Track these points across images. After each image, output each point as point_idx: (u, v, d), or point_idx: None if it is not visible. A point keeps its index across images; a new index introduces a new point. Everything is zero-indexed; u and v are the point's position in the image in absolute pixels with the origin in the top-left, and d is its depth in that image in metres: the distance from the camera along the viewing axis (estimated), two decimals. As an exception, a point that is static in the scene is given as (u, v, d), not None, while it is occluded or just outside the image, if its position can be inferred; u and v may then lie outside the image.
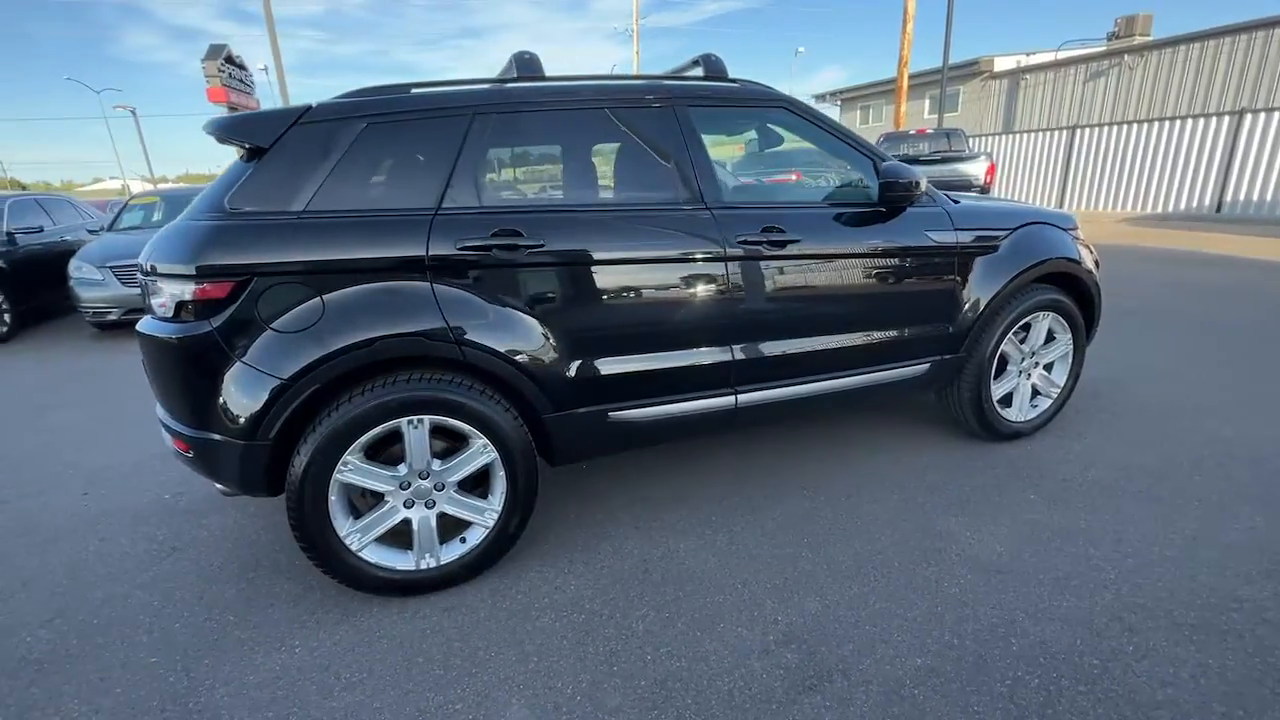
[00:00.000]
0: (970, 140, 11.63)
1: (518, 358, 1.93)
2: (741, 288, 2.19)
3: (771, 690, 1.61)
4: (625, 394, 2.13)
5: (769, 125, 2.48)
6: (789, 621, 1.85)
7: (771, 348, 2.30)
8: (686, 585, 2.03)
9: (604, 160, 2.22)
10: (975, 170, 9.73)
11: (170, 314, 1.75)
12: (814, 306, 2.35)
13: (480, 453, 1.97)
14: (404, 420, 1.85)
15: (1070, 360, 2.95)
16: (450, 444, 1.97)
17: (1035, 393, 2.97)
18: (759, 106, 2.36)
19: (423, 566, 1.99)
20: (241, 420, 1.74)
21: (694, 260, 2.11)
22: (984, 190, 9.74)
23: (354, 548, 1.90)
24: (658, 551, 2.21)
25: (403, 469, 1.91)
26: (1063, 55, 21.70)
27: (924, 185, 2.37)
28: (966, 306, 2.59)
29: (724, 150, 4.55)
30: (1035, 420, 2.96)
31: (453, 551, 2.03)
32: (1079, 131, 13.81)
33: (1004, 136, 15.61)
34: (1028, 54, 22.40)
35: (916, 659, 1.69)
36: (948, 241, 2.51)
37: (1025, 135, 15.05)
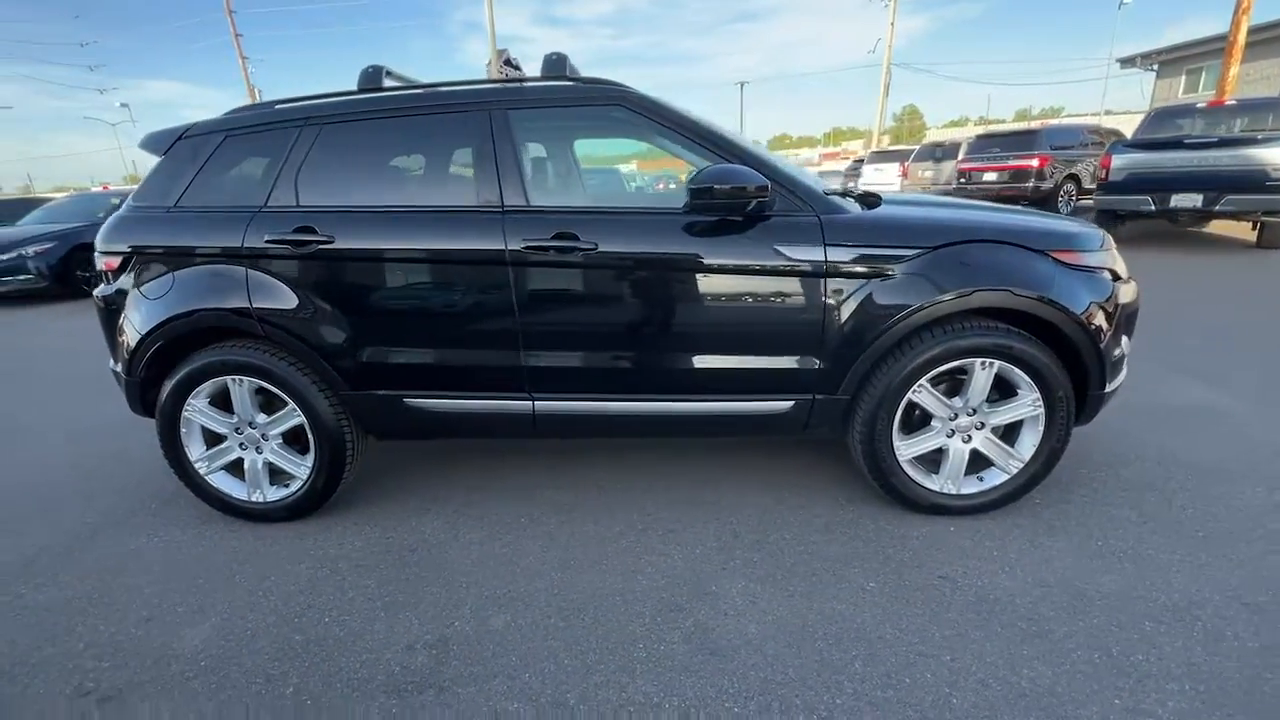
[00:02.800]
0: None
1: (309, 338, 2.22)
2: (529, 293, 2.15)
3: (390, 679, 1.68)
4: (416, 383, 2.28)
5: (613, 125, 2.31)
6: (455, 632, 1.85)
7: (570, 359, 2.21)
8: (422, 573, 2.13)
9: (415, 164, 2.34)
10: (1275, 157, 7.00)
11: (100, 280, 2.42)
12: (620, 320, 2.18)
13: (292, 414, 2.32)
14: (228, 378, 2.29)
15: (1043, 427, 2.19)
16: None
17: (985, 462, 2.28)
18: (591, 105, 2.22)
19: (253, 499, 2.43)
20: (124, 359, 2.34)
21: (477, 263, 2.14)
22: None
23: (202, 472, 2.41)
24: (434, 540, 2.33)
25: (232, 418, 2.36)
26: None
27: (767, 192, 2.00)
28: (842, 340, 2.12)
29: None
30: (977, 497, 2.28)
31: (278, 493, 2.43)
32: None
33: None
34: None
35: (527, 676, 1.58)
36: (809, 259, 2.07)
37: None
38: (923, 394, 2.17)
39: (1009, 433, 2.27)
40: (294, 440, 2.40)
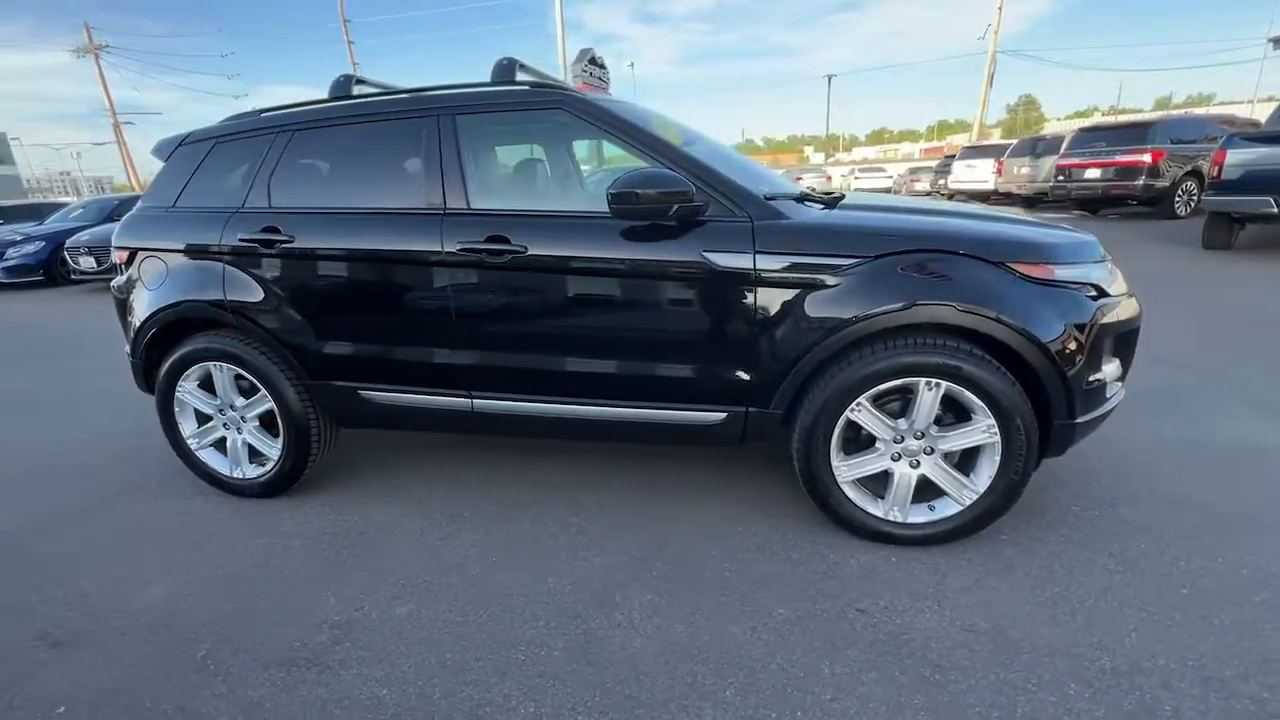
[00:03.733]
0: None
1: (276, 330, 2.40)
2: (465, 294, 2.20)
3: (288, 653, 1.80)
4: (368, 376, 2.40)
5: (558, 128, 2.30)
6: (361, 616, 1.94)
7: (504, 359, 2.25)
8: (359, 557, 2.25)
9: (372, 168, 2.44)
10: None
11: (115, 272, 2.72)
12: (551, 322, 2.19)
13: (264, 399, 2.51)
14: (211, 364, 2.51)
15: (999, 457, 1.99)
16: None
17: (936, 490, 2.09)
18: (536, 109, 2.23)
19: (234, 475, 2.65)
20: (129, 342, 2.62)
21: (418, 264, 2.22)
22: None
23: (193, 447, 2.66)
24: (383, 526, 2.44)
25: (216, 400, 2.58)
26: None
27: (690, 197, 1.94)
28: (774, 351, 2.03)
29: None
30: (926, 528, 2.10)
31: (255, 471, 2.64)
32: None
33: None
34: None
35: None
36: (737, 266, 1.99)
37: None
38: (862, 413, 2.03)
39: (966, 460, 2.08)
40: (269, 424, 2.59)
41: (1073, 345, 1.89)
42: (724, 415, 2.14)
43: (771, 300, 2.00)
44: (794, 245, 1.98)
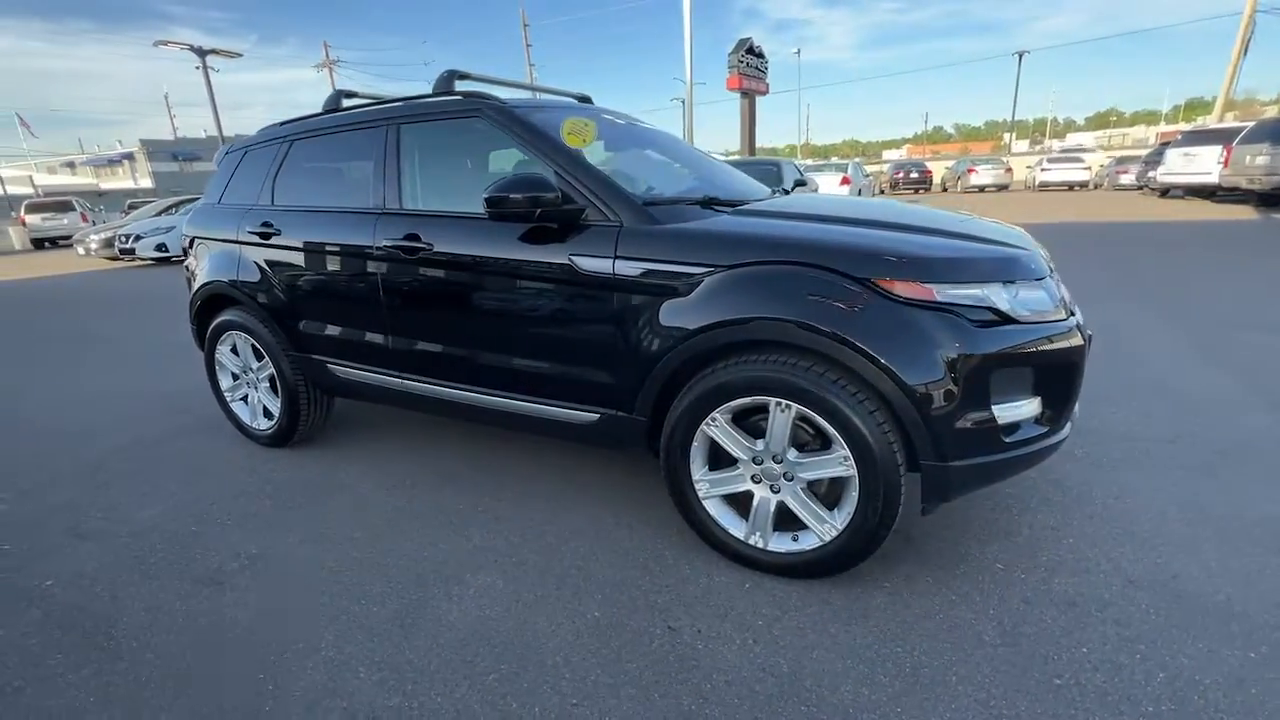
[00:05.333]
0: None
1: (270, 307, 2.86)
2: (389, 285, 2.46)
3: (203, 573, 2.21)
4: (331, 352, 2.77)
5: (480, 135, 2.43)
6: (271, 553, 2.30)
7: (420, 345, 2.48)
8: (305, 505, 2.63)
9: (341, 172, 2.75)
10: None
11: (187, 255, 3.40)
12: (450, 314, 2.37)
13: (267, 366, 3.02)
14: (234, 333, 3.07)
15: (856, 493, 1.79)
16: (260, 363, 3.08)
17: (800, 522, 1.94)
18: (460, 117, 2.40)
19: (253, 425, 3.21)
20: (192, 313, 3.28)
21: (357, 257, 2.52)
22: None
23: (228, 400, 3.27)
24: (342, 483, 2.81)
25: (240, 363, 3.15)
26: None
27: (557, 201, 1.99)
28: (631, 357, 2.02)
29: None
30: (787, 558, 1.96)
31: (265, 425, 3.17)
32: None
33: None
34: None
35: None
36: (597, 270, 2.01)
37: None
38: (716, 429, 1.95)
39: (833, 492, 1.90)
40: (274, 386, 3.10)
41: (938, 376, 1.65)
42: (597, 417, 2.17)
43: (629, 305, 1.99)
44: (652, 252, 1.95)
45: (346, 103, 2.87)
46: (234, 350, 3.17)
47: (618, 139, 2.81)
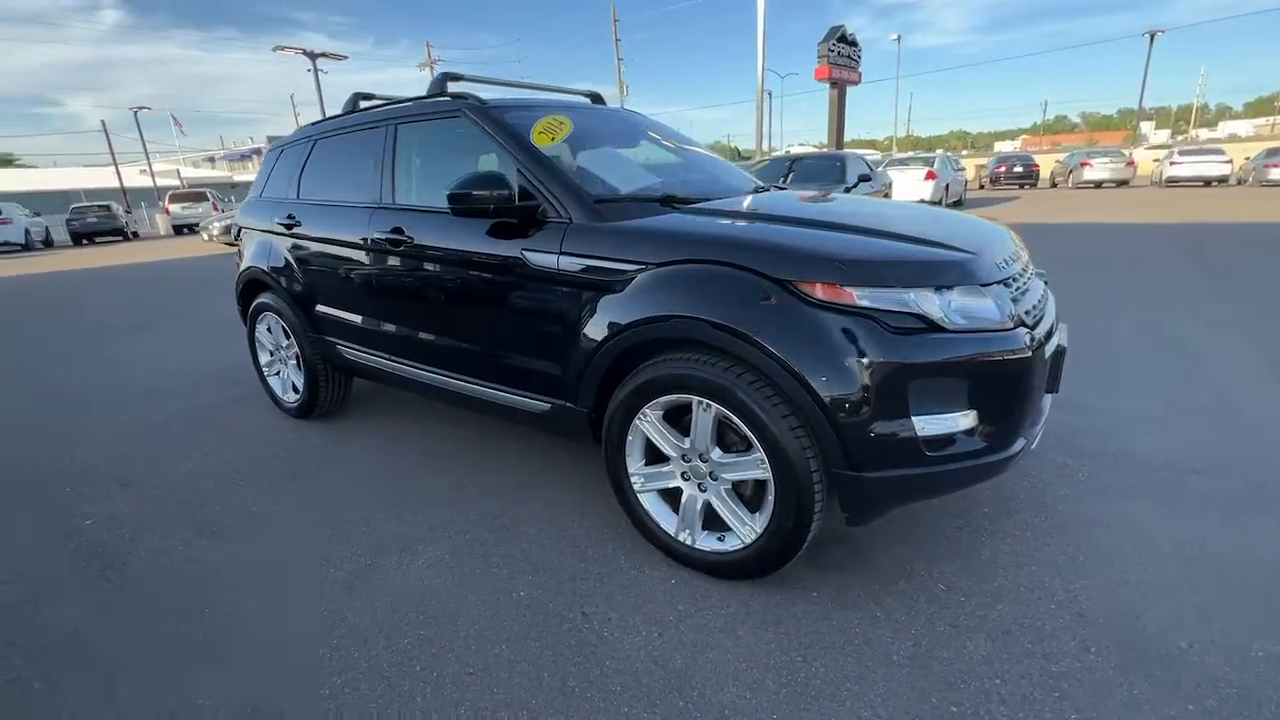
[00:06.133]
0: None
1: (292, 292, 3.15)
2: (380, 274, 2.66)
3: (205, 524, 2.51)
4: (338, 334, 3.02)
5: (462, 135, 2.53)
6: (259, 513, 2.56)
7: (403, 331, 2.66)
8: (305, 470, 2.89)
9: (349, 169, 2.94)
10: None
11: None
12: (426, 303, 2.53)
13: (292, 347, 3.32)
14: (268, 314, 3.40)
15: (772, 498, 1.77)
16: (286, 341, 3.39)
17: (723, 524, 1.93)
18: (446, 117, 2.53)
19: (283, 398, 3.55)
20: (237, 294, 3.65)
21: (355, 247, 2.73)
22: None
23: (265, 375, 3.62)
24: (337, 458, 3.06)
25: (273, 341, 3.48)
26: None
27: (512, 200, 2.08)
28: (572, 351, 2.08)
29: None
30: (711, 557, 1.96)
31: (292, 398, 3.50)
32: None
33: None
34: None
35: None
36: (544, 265, 2.08)
37: None
38: (648, 425, 1.97)
39: (756, 494, 1.88)
40: (299, 364, 3.41)
41: (849, 383, 1.59)
42: (548, 406, 2.25)
43: (572, 299, 2.05)
44: (591, 248, 2.00)
45: (363, 104, 3.09)
46: (269, 330, 3.51)
47: (607, 136, 2.86)
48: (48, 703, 1.63)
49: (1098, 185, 24.33)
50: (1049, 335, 1.90)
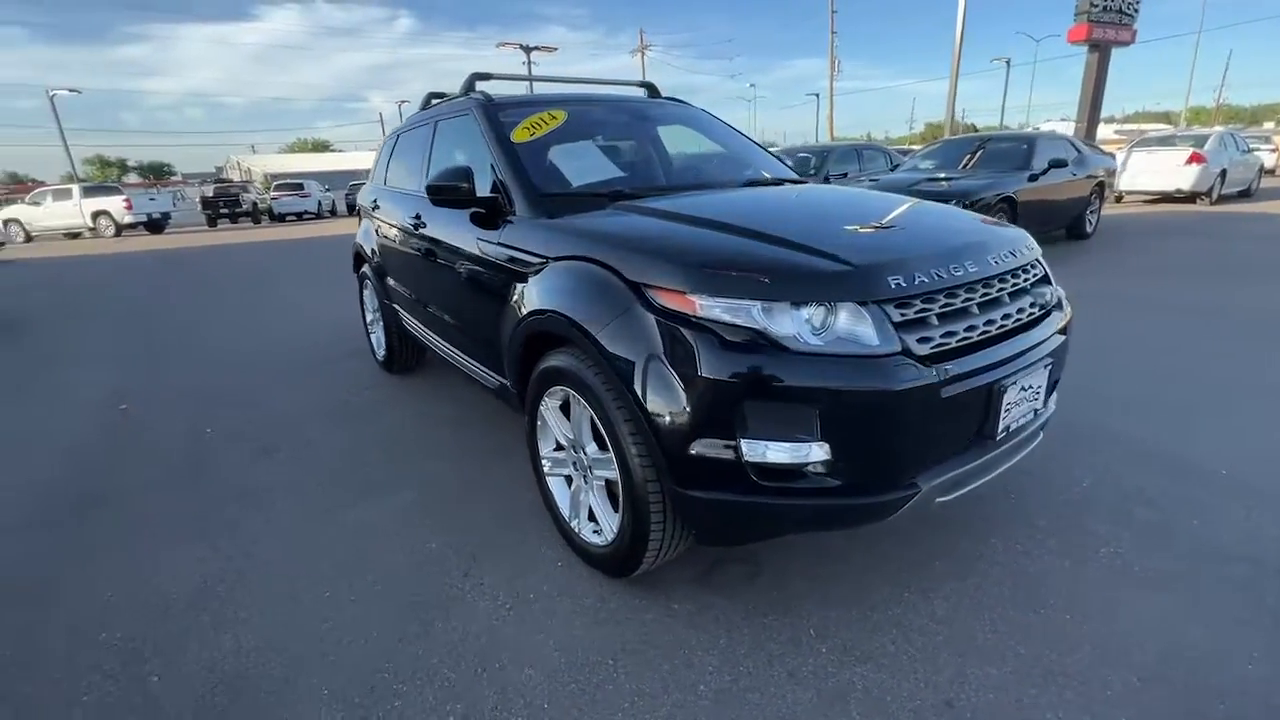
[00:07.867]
0: None
1: (373, 264, 3.73)
2: (412, 255, 3.05)
3: (265, 444, 3.17)
4: (397, 302, 3.52)
5: (475, 134, 2.73)
6: (306, 455, 3.14)
7: (427, 301, 3.03)
8: (360, 414, 3.45)
9: (409, 160, 3.31)
10: None
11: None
12: (429, 279, 2.86)
13: (379, 310, 3.94)
14: (364, 281, 4.06)
15: (623, 495, 1.75)
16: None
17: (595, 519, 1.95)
18: (459, 116, 2.78)
19: (376, 354, 4.23)
20: (353, 265, 4.39)
21: (399, 229, 3.16)
22: None
23: (369, 331, 4.34)
24: (393, 423, 3.57)
25: (371, 303, 4.15)
26: None
27: (472, 193, 2.26)
28: (498, 333, 2.24)
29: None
30: (590, 549, 1.99)
31: (381, 354, 4.15)
32: None
33: None
34: None
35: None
36: (486, 253, 2.27)
37: None
38: (547, 412, 2.06)
39: (615, 496, 1.87)
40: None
41: (669, 394, 1.53)
42: (498, 382, 2.44)
43: (503, 286, 2.19)
44: (519, 240, 2.12)
45: (434, 102, 3.52)
46: (369, 295, 4.19)
47: (619, 130, 2.92)
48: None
49: None
50: (997, 367, 1.60)
